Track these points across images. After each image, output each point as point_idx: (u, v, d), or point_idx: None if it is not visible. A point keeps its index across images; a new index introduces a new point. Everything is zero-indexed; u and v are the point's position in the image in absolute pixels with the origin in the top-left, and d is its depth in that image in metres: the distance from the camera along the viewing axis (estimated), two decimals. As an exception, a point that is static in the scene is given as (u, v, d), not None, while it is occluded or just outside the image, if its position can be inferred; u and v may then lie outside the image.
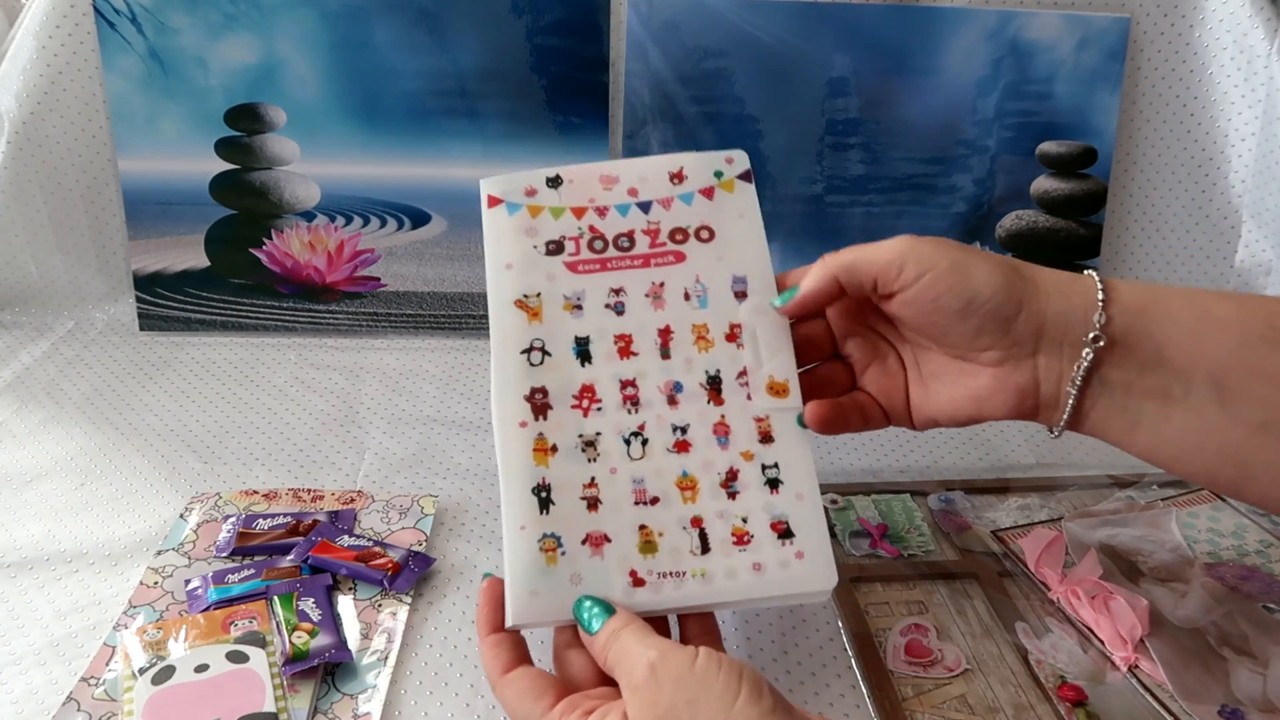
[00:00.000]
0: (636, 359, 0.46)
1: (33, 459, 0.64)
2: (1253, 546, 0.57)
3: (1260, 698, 0.47)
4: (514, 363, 0.45)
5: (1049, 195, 0.79)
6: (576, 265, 0.48)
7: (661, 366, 0.46)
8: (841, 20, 0.76)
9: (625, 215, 0.49)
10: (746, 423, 0.45)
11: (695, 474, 0.44)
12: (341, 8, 0.75)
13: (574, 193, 0.49)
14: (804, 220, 0.80)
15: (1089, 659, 0.49)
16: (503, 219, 0.49)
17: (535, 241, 0.48)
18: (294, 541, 0.56)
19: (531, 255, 0.48)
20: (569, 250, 0.48)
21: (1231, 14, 0.75)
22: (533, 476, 0.43)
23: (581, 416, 0.44)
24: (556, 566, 0.42)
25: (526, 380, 0.45)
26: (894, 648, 0.50)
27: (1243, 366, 0.40)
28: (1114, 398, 0.42)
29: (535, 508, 0.43)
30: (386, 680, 0.48)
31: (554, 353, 0.46)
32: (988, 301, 0.42)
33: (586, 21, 0.76)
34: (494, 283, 0.47)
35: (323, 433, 0.68)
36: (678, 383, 0.46)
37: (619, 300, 0.47)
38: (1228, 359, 0.40)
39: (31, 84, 0.76)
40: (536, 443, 0.44)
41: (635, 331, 0.46)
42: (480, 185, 0.49)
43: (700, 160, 0.50)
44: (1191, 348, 0.41)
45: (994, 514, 0.60)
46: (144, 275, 0.80)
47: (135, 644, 0.48)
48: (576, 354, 0.46)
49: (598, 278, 0.47)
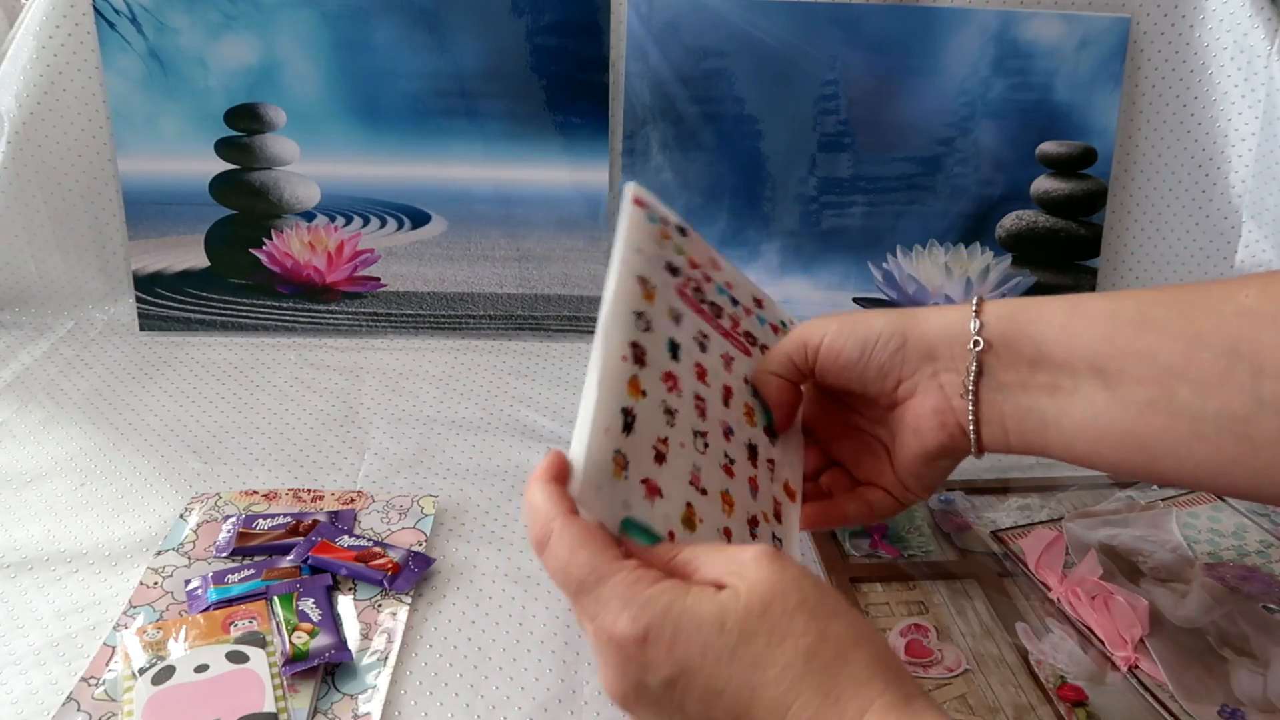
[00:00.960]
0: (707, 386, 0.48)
1: (33, 459, 0.64)
2: (1253, 547, 0.57)
3: (1260, 698, 0.47)
4: (626, 316, 0.46)
5: (1049, 195, 0.79)
6: (683, 292, 0.50)
7: (722, 410, 0.48)
8: (842, 20, 0.76)
9: (720, 295, 0.53)
10: (768, 495, 0.48)
11: (734, 497, 0.46)
12: (341, 8, 0.75)
13: (693, 249, 0.53)
14: (804, 220, 0.80)
15: (1089, 659, 0.49)
16: (642, 221, 0.51)
17: (661, 252, 0.51)
18: (294, 542, 0.56)
19: (656, 258, 0.50)
20: (681, 278, 0.51)
21: (1231, 14, 0.75)
22: (625, 399, 0.43)
23: (666, 390, 0.45)
24: (619, 482, 0.41)
25: (634, 332, 0.46)
26: (894, 648, 0.50)
27: (1116, 350, 0.42)
28: (1017, 400, 0.44)
29: (621, 424, 0.43)
30: (386, 680, 0.48)
31: (655, 330, 0.47)
32: (877, 339, 0.46)
33: (586, 21, 0.76)
34: (626, 253, 0.48)
35: (323, 433, 0.68)
36: (730, 428, 0.48)
37: (704, 340, 0.50)
38: (1102, 345, 0.42)
39: (31, 84, 0.76)
40: (631, 379, 0.44)
41: (710, 369, 0.49)
42: (628, 187, 0.51)
43: (774, 305, 0.56)
44: (1067, 340, 0.43)
45: (994, 514, 0.60)
46: (144, 275, 0.80)
47: (135, 644, 0.48)
48: (669, 348, 0.47)
49: (693, 315, 0.50)
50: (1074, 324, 0.43)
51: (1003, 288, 0.81)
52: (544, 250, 0.80)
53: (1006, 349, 0.45)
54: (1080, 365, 0.43)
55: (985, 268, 0.80)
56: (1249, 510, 0.60)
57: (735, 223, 0.80)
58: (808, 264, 0.80)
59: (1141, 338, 0.41)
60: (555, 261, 0.81)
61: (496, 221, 0.80)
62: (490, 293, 0.81)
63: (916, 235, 0.80)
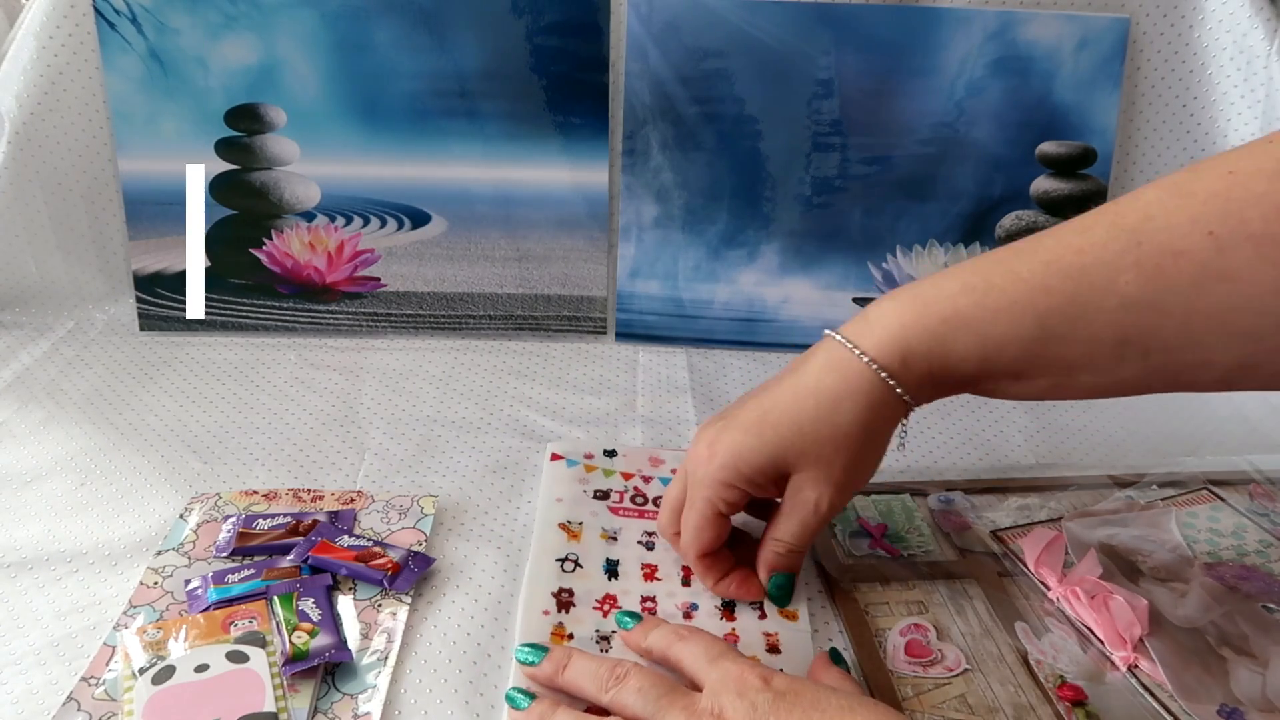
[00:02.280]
0: (660, 583, 0.52)
1: (33, 459, 0.64)
2: (1252, 546, 0.57)
3: (1260, 697, 0.47)
4: (548, 567, 0.53)
5: (1049, 195, 0.79)
6: (618, 510, 0.56)
7: (682, 591, 0.52)
8: (842, 21, 0.76)
9: (665, 485, 0.57)
10: (757, 636, 0.50)
11: None
12: (341, 8, 0.75)
13: (626, 464, 0.60)
14: (803, 220, 0.80)
15: (1088, 659, 0.49)
16: (561, 469, 0.59)
17: (586, 487, 0.58)
18: (294, 541, 0.56)
19: (581, 495, 0.57)
20: (613, 499, 0.57)
21: (1231, 14, 0.75)
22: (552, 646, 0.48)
23: (601, 617, 0.50)
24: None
25: (556, 581, 0.52)
26: (894, 648, 0.50)
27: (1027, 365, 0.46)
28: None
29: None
30: (386, 680, 0.48)
31: (585, 566, 0.53)
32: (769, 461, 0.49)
33: (586, 21, 0.77)
34: (544, 510, 0.56)
35: (323, 433, 0.68)
36: (694, 603, 0.51)
37: (650, 539, 0.55)
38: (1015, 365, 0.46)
39: (31, 84, 0.76)
40: (555, 629, 0.49)
41: (661, 565, 0.53)
42: (548, 448, 0.62)
43: None
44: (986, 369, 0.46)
45: (994, 514, 0.60)
46: (144, 275, 0.80)
47: (135, 644, 0.48)
48: (605, 570, 0.53)
49: (635, 521, 0.56)
50: (989, 355, 0.45)
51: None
52: (544, 250, 0.80)
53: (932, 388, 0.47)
54: (999, 380, 0.46)
55: (985, 268, 0.80)
56: (1248, 510, 0.60)
57: (735, 223, 0.80)
58: (807, 264, 0.80)
59: (1047, 348, 0.44)
60: (555, 261, 0.81)
61: (496, 221, 0.80)
62: (490, 293, 0.81)
63: (916, 235, 0.80)
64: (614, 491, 0.58)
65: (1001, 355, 0.45)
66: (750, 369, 0.79)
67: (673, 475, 0.57)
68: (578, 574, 0.52)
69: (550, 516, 0.56)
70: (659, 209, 0.80)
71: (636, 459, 0.60)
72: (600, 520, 0.56)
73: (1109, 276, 0.43)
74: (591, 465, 0.60)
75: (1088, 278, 0.43)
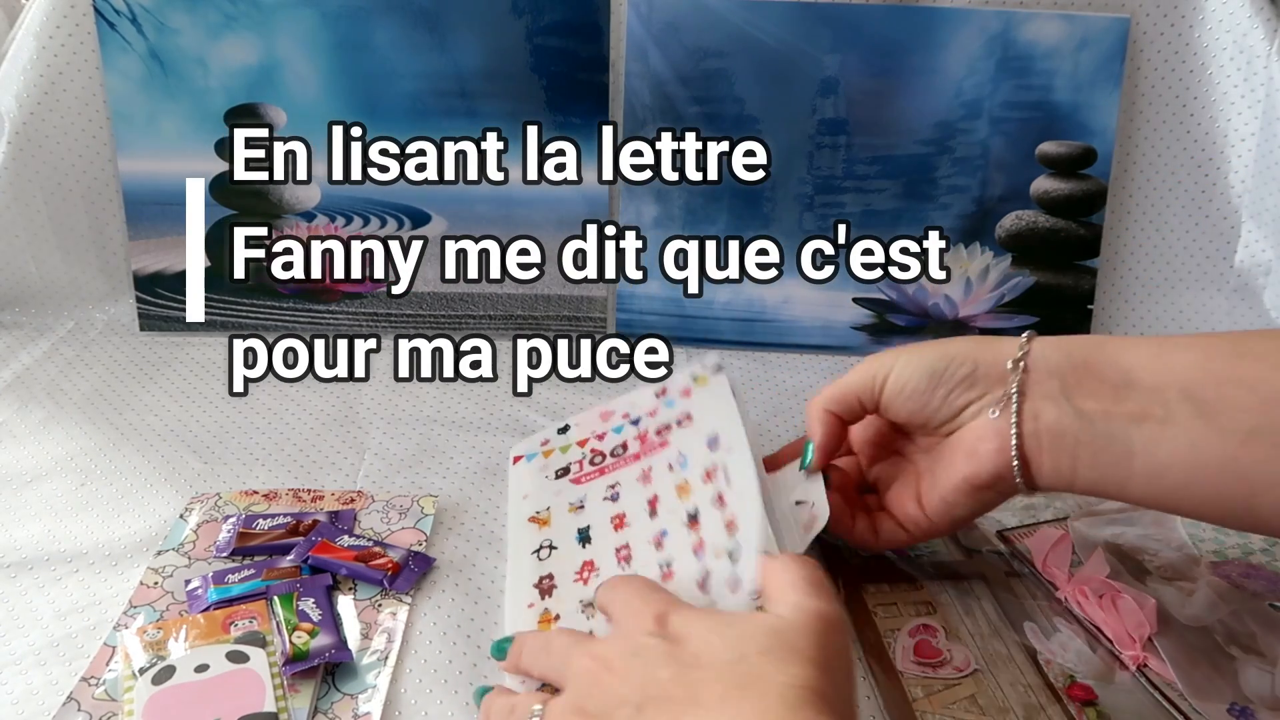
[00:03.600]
0: (629, 529, 0.52)
1: (33, 459, 0.64)
2: (1258, 545, 0.57)
3: (1269, 695, 0.46)
4: (526, 561, 0.53)
5: (1049, 195, 0.79)
6: (580, 479, 0.56)
7: (649, 524, 0.51)
8: (842, 20, 0.76)
9: (620, 433, 0.58)
10: (719, 529, 0.48)
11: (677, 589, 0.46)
12: (341, 8, 0.75)
13: (579, 432, 0.60)
14: (803, 221, 0.79)
15: (1097, 658, 0.49)
16: (523, 468, 0.60)
17: (547, 472, 0.58)
18: (294, 541, 0.55)
19: (543, 483, 0.58)
20: (574, 471, 0.57)
21: (1231, 14, 0.76)
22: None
23: (582, 586, 0.50)
24: None
25: (535, 572, 0.52)
26: (903, 648, 0.49)
27: (1212, 378, 0.40)
28: (1098, 427, 0.43)
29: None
30: (386, 680, 0.47)
31: (560, 546, 0.53)
32: (948, 364, 0.47)
33: (586, 22, 0.76)
34: (514, 510, 0.57)
35: (323, 433, 0.68)
36: (664, 529, 0.50)
37: (614, 490, 0.55)
38: (1195, 372, 0.41)
39: (31, 84, 0.76)
40: (541, 617, 0.50)
41: (628, 510, 0.53)
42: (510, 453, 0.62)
43: (679, 373, 0.58)
44: (1158, 366, 0.42)
45: (999, 513, 0.60)
46: (144, 275, 0.79)
47: (135, 644, 0.48)
48: (579, 540, 0.53)
49: (596, 482, 0.56)
50: (1165, 352, 0.42)
51: (1002, 288, 0.80)
52: (544, 250, 0.80)
53: (1089, 375, 0.43)
54: (1171, 391, 0.41)
55: (985, 268, 0.80)
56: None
57: (735, 223, 0.80)
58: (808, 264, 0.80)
59: (1239, 365, 0.40)
60: (555, 261, 0.80)
61: (496, 221, 0.80)
62: (490, 293, 0.81)
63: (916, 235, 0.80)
64: (573, 464, 0.58)
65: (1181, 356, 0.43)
66: (750, 369, 0.78)
67: (624, 422, 0.58)
68: (554, 557, 0.53)
69: (520, 513, 0.56)
70: (659, 209, 0.80)
71: (588, 423, 0.60)
72: (565, 497, 0.56)
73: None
74: (549, 450, 0.60)
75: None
